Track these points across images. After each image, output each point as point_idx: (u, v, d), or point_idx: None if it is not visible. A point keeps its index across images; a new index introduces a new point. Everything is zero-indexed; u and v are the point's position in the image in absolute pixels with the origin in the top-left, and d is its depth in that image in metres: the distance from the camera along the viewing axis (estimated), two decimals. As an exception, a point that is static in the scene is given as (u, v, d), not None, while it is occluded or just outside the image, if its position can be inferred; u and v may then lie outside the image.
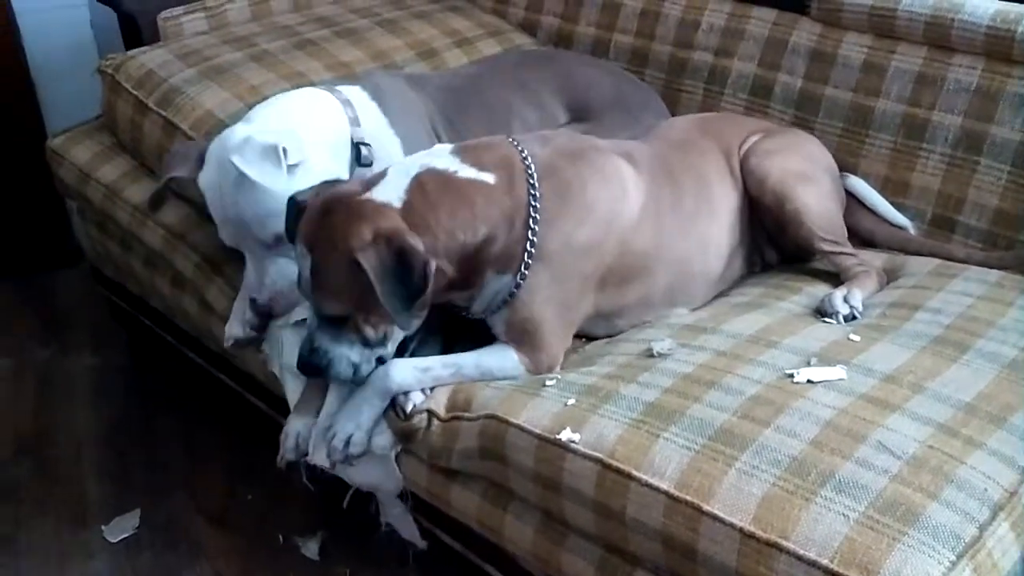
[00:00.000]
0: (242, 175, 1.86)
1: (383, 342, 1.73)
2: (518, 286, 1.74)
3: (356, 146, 2.02)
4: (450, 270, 1.69)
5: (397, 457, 1.83)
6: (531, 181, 1.74)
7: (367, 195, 1.66)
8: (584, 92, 2.38)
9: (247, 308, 2.03)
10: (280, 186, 1.85)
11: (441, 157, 1.74)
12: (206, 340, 2.34)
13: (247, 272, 1.99)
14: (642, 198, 1.85)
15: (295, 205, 1.74)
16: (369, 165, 2.01)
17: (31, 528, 2.40)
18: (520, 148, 1.78)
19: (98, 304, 3.02)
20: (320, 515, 2.33)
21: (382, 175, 1.71)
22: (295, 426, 1.89)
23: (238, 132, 1.92)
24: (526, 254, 1.73)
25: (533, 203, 1.73)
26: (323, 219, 1.65)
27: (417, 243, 1.60)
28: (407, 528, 1.98)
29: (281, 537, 2.31)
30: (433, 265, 1.61)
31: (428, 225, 1.65)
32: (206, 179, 1.94)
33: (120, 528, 2.37)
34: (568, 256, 1.76)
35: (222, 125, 2.27)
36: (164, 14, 2.69)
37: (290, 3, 2.85)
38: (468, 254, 1.70)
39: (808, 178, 2.04)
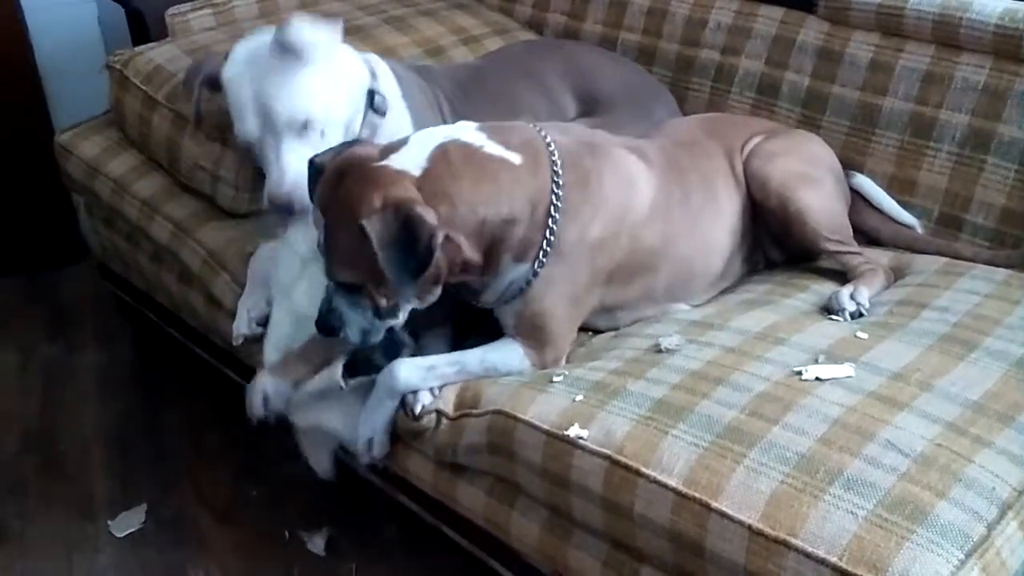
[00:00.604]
0: (277, 53, 1.90)
1: (394, 312, 1.71)
2: (535, 274, 1.73)
3: (371, 93, 2.04)
4: (467, 246, 1.66)
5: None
6: (555, 168, 1.72)
7: (385, 162, 1.64)
8: (593, 81, 2.38)
9: (251, 306, 2.05)
10: (333, 54, 1.93)
11: (467, 131, 1.73)
12: (212, 335, 2.34)
13: (266, 175, 1.96)
14: (652, 194, 1.85)
15: (314, 167, 1.72)
16: (383, 114, 2.04)
17: (37, 523, 2.40)
18: (543, 134, 1.77)
19: (104, 300, 3.03)
20: (326, 510, 2.33)
21: (403, 142, 1.69)
22: (264, 383, 1.89)
23: (259, 35, 1.99)
24: (545, 242, 1.72)
25: (556, 191, 1.71)
26: (338, 183, 1.63)
27: (427, 214, 1.57)
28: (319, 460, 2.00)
29: (287, 532, 2.31)
30: (441, 236, 1.58)
31: (448, 194, 1.62)
32: (231, 70, 1.96)
33: (126, 523, 2.37)
34: (583, 250, 1.76)
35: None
36: (172, 10, 2.69)
37: (297, 0, 2.85)
38: (488, 234, 1.67)
39: (811, 179, 2.04)
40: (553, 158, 1.73)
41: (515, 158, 1.70)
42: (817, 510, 1.34)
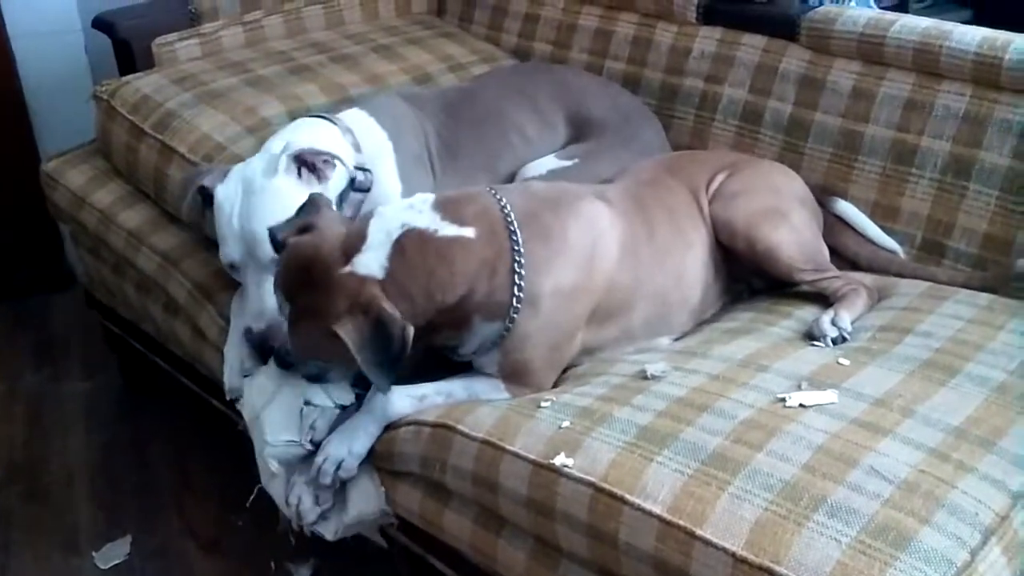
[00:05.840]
0: (264, 185, 1.90)
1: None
2: (507, 330, 1.76)
3: (352, 177, 2.03)
4: (429, 324, 1.71)
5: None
6: (511, 228, 1.75)
7: (349, 268, 1.66)
8: (583, 103, 2.40)
9: (241, 355, 2.02)
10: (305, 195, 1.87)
11: (422, 213, 1.74)
12: (198, 365, 2.34)
13: (245, 301, 1.97)
14: (619, 235, 1.87)
15: (276, 239, 1.76)
16: (366, 191, 2.03)
17: (22, 554, 2.39)
18: (499, 198, 1.80)
19: (90, 329, 3.03)
20: (312, 542, 2.31)
21: (363, 238, 1.69)
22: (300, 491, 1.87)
23: (262, 155, 1.96)
24: (514, 299, 1.74)
25: (516, 249, 1.74)
26: (302, 278, 1.67)
27: (394, 311, 1.62)
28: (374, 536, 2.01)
29: (273, 563, 2.30)
30: (411, 331, 1.63)
31: (408, 293, 1.66)
32: (225, 191, 1.94)
33: (111, 555, 2.36)
34: (557, 299, 1.78)
35: (219, 147, 2.30)
36: (158, 40, 2.70)
37: (284, 29, 2.87)
38: (448, 308, 1.71)
39: (776, 213, 2.03)
40: (509, 219, 1.76)
41: (469, 232, 1.73)
42: (801, 537, 1.34)
